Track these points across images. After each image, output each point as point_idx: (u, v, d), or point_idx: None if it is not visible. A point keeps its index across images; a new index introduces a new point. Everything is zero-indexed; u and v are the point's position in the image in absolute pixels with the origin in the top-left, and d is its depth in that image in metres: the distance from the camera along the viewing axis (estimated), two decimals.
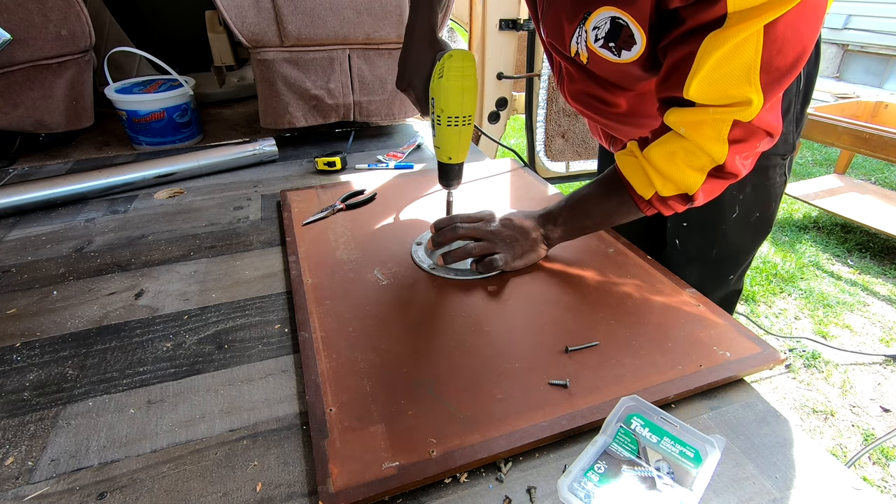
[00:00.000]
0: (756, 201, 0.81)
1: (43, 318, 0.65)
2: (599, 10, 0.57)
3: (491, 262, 0.68)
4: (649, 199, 0.62)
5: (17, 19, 1.00)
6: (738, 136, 0.54)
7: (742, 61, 0.49)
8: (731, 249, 0.87)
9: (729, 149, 0.55)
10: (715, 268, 0.90)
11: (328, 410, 0.49)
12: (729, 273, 0.90)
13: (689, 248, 0.90)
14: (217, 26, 1.23)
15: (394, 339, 0.58)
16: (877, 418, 1.54)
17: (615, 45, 0.59)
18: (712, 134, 0.54)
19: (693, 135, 0.55)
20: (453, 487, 0.44)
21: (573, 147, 1.70)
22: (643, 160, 0.60)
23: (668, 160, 0.58)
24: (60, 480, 0.45)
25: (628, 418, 0.46)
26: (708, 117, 0.53)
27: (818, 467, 0.45)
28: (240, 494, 0.43)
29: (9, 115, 1.08)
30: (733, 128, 0.53)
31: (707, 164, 0.57)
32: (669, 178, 0.59)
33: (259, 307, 0.66)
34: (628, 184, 0.63)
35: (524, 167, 1.06)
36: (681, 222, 0.88)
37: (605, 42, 0.59)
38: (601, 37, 0.59)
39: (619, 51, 0.59)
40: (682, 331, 0.59)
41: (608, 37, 0.59)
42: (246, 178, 1.07)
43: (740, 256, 0.89)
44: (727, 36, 0.48)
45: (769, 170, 0.79)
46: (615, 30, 0.57)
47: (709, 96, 0.52)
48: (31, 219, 0.91)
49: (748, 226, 0.84)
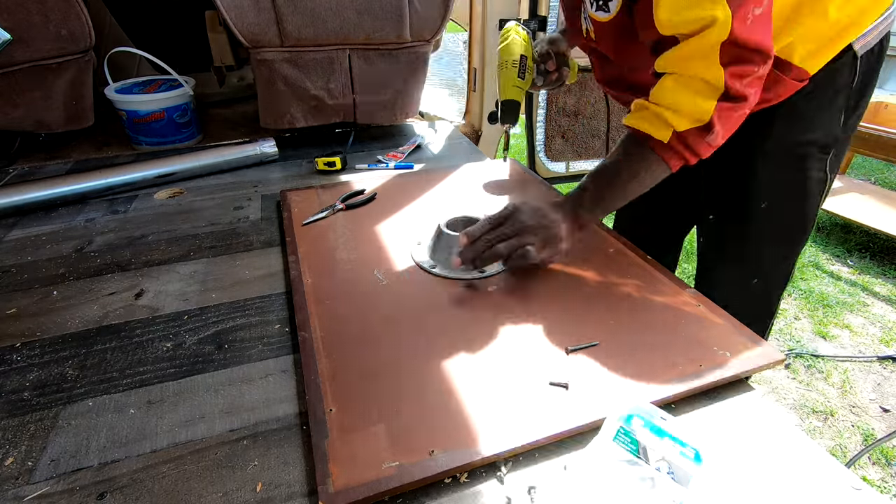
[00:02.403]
0: (786, 193, 0.76)
1: (43, 318, 0.65)
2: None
3: (523, 254, 0.64)
4: (669, 143, 0.61)
5: (17, 19, 1.00)
6: (728, 58, 0.55)
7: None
8: (758, 240, 0.80)
9: (725, 71, 0.56)
10: (736, 270, 0.84)
11: (328, 410, 0.49)
12: (754, 275, 0.83)
13: (713, 243, 0.85)
14: (217, 26, 1.23)
15: (394, 339, 0.58)
16: (877, 418, 1.54)
17: (603, 2, 0.64)
18: (702, 64, 0.56)
19: (685, 69, 0.58)
20: (453, 487, 0.44)
21: (573, 147, 1.70)
22: (652, 105, 0.62)
23: (673, 92, 0.60)
24: (60, 480, 0.45)
25: (628, 418, 0.46)
26: (690, 49, 0.56)
27: (818, 467, 0.45)
28: (240, 494, 0.43)
29: (9, 115, 1.08)
30: (722, 53, 0.55)
31: (710, 92, 0.58)
32: (681, 110, 0.59)
33: (259, 307, 0.66)
34: (644, 134, 0.63)
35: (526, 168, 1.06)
36: (707, 214, 0.85)
37: (598, 5, 0.65)
38: (594, 1, 0.65)
39: (606, 5, 0.64)
40: (682, 331, 0.59)
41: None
42: (246, 178, 1.07)
43: (768, 253, 0.82)
44: None
45: (805, 159, 0.73)
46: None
47: (676, 22, 0.55)
48: (31, 219, 0.91)
49: (778, 220, 0.78)
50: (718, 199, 0.70)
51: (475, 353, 0.56)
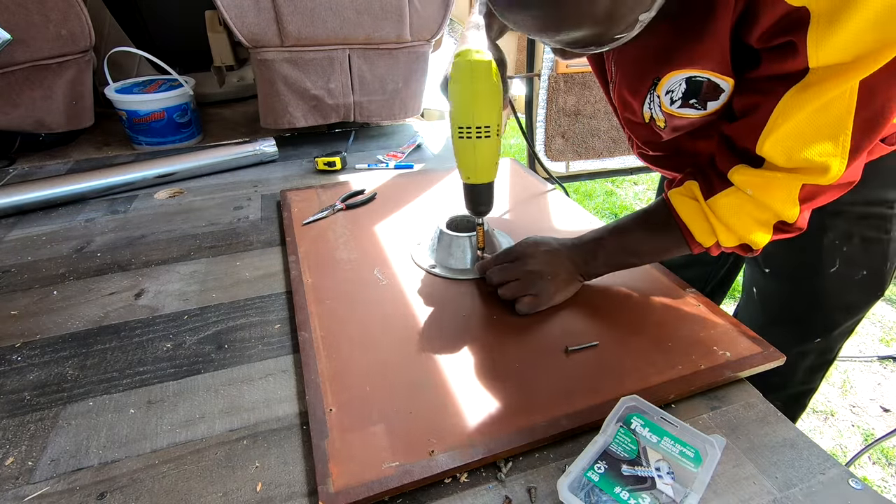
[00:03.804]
0: (864, 257, 0.66)
1: (43, 318, 0.65)
2: (670, 74, 0.53)
3: (529, 304, 0.61)
4: (707, 247, 0.57)
5: (17, 19, 1.00)
6: (810, 194, 0.50)
7: (828, 122, 0.44)
8: (823, 310, 0.71)
9: (800, 207, 0.51)
10: (799, 329, 0.74)
11: (328, 410, 0.49)
12: (816, 335, 0.73)
13: (768, 301, 0.76)
14: (217, 26, 1.23)
15: (393, 338, 0.58)
16: (877, 418, 1.54)
17: (698, 101, 0.53)
18: (782, 196, 0.50)
19: (762, 196, 0.51)
20: (453, 487, 0.44)
21: (573, 147, 1.70)
22: (707, 209, 0.54)
23: (734, 214, 0.53)
24: (60, 480, 0.45)
25: (628, 418, 0.46)
26: (778, 181, 0.49)
27: (818, 467, 0.45)
28: (240, 494, 0.43)
29: (9, 115, 1.08)
30: (804, 189, 0.49)
31: (773, 220, 0.53)
32: (734, 231, 0.54)
33: (259, 307, 0.66)
34: (686, 228, 0.57)
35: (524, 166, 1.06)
36: (760, 269, 0.74)
37: (683, 102, 0.54)
38: (677, 98, 0.55)
39: (704, 104, 0.53)
40: (682, 331, 0.59)
41: (686, 96, 0.54)
42: (246, 178, 1.07)
43: (835, 318, 0.72)
44: (810, 96, 0.43)
45: (889, 220, 0.64)
46: (694, 88, 0.53)
47: (783, 158, 0.47)
48: (31, 219, 0.91)
49: (849, 284, 0.68)
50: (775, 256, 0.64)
51: (475, 353, 0.56)
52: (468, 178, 0.60)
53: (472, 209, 0.64)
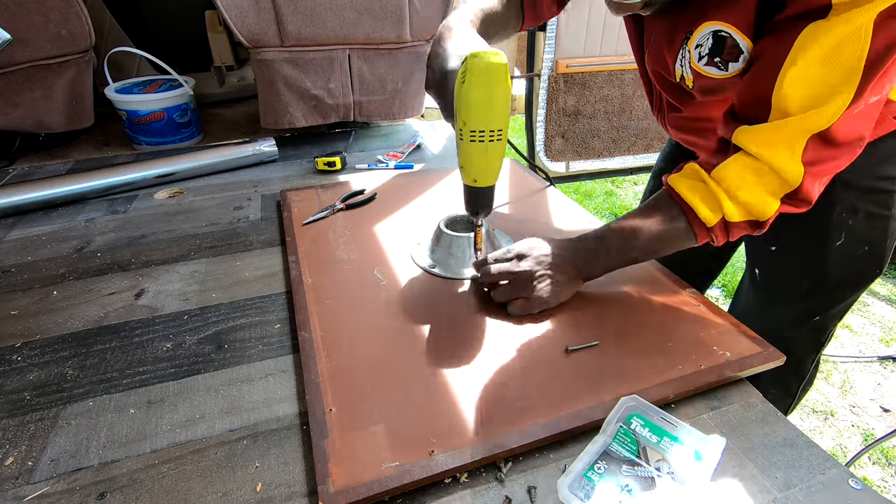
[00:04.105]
0: (868, 231, 0.68)
1: (43, 318, 0.65)
2: (701, 26, 0.55)
3: (520, 307, 0.62)
4: (712, 227, 0.56)
5: (17, 19, 1.00)
6: (812, 157, 0.50)
7: (847, 55, 0.45)
8: (827, 285, 0.73)
9: (805, 171, 0.51)
10: (802, 306, 0.76)
11: (328, 410, 0.49)
12: (816, 313, 0.75)
13: (772, 278, 0.77)
14: (217, 26, 1.23)
15: (393, 339, 0.58)
16: (877, 418, 1.54)
17: (721, 60, 0.55)
18: (786, 153, 0.50)
19: (766, 153, 0.51)
20: (453, 487, 0.44)
21: (573, 147, 1.70)
22: (712, 182, 0.55)
23: (741, 181, 0.53)
24: (60, 480, 0.45)
25: (628, 418, 0.46)
26: (782, 134, 0.50)
27: (818, 467, 0.45)
28: (240, 494, 0.43)
29: (9, 115, 1.08)
30: (808, 148, 0.50)
31: (781, 189, 0.53)
32: (741, 202, 0.54)
33: (259, 307, 0.66)
34: (690, 209, 0.57)
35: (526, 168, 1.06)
36: (767, 245, 0.75)
37: (709, 59, 0.56)
38: (705, 54, 0.56)
39: (725, 64, 0.56)
40: (682, 331, 0.59)
41: (712, 52, 0.56)
42: (246, 178, 1.07)
43: (835, 295, 0.74)
44: (831, 26, 0.44)
45: (891, 196, 0.66)
46: (718, 43, 0.55)
47: (800, 94, 0.48)
48: (31, 219, 0.91)
49: (852, 259, 0.70)
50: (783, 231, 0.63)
51: (475, 353, 0.56)
52: (475, 181, 0.59)
53: (473, 211, 0.63)
